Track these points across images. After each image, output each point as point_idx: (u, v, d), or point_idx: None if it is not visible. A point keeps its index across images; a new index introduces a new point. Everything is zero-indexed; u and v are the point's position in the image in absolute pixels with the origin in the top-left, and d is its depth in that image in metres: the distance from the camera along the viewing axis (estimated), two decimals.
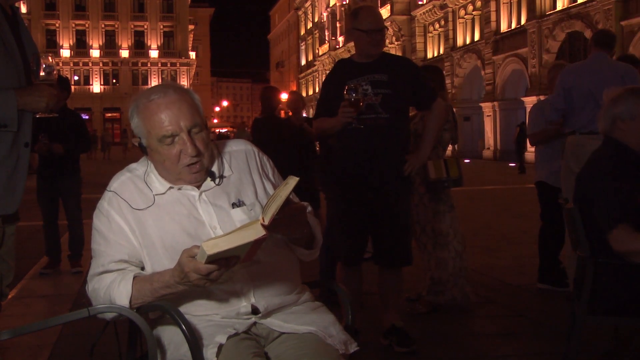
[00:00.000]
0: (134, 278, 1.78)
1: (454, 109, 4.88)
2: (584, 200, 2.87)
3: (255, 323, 1.83)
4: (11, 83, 2.27)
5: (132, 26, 60.91)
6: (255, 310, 1.82)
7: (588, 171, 2.92)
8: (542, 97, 18.74)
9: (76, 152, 5.93)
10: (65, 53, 57.86)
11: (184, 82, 56.95)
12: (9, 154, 2.27)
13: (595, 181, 2.81)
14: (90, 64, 59.98)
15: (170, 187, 1.88)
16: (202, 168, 1.86)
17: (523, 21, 27.75)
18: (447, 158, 4.36)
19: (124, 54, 60.58)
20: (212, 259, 1.56)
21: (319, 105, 3.79)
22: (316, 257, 2.06)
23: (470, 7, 32.60)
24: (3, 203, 2.29)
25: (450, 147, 4.61)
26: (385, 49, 3.72)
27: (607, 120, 2.89)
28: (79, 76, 59.27)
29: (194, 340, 1.67)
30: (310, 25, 60.95)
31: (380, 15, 3.76)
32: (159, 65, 61.32)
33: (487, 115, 30.43)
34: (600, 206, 2.74)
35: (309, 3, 60.93)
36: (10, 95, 2.23)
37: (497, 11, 29.86)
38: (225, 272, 1.64)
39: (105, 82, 60.81)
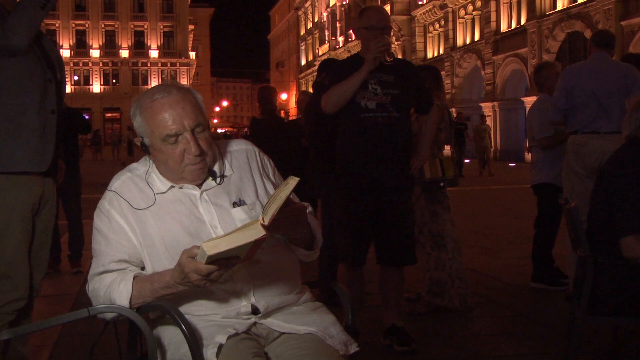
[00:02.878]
0: (134, 278, 1.79)
1: (454, 109, 4.87)
2: (603, 198, 2.87)
3: (255, 323, 1.83)
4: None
5: (132, 26, 60.89)
6: (255, 310, 1.82)
7: (611, 171, 2.92)
8: None
9: (76, 131, 6.04)
10: (65, 53, 57.73)
11: (184, 82, 56.84)
12: (38, 117, 2.51)
13: (618, 183, 2.81)
14: (90, 64, 59.95)
15: (172, 186, 1.88)
16: (204, 167, 1.87)
17: (523, 21, 27.74)
18: (442, 158, 4.37)
19: (124, 54, 60.57)
20: (212, 259, 1.56)
21: (329, 82, 3.70)
22: (316, 257, 2.07)
23: (470, 7, 32.60)
24: (36, 161, 2.52)
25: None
26: None
27: (634, 123, 2.91)
28: (79, 76, 59.25)
29: (194, 340, 1.67)
30: (310, 25, 60.94)
31: (384, 14, 3.75)
32: (159, 65, 61.31)
33: (487, 115, 30.41)
34: (621, 210, 2.74)
35: (309, 3, 60.92)
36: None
37: (497, 11, 29.85)
38: (226, 272, 1.64)
39: (105, 82, 60.80)
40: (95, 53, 60.05)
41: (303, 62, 64.64)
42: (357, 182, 3.58)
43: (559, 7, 25.41)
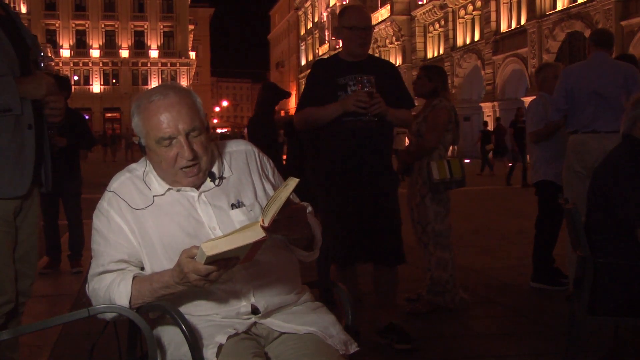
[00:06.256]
0: (133, 278, 1.79)
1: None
2: (600, 198, 2.87)
3: (255, 323, 1.83)
4: (4, 73, 2.34)
5: (132, 26, 60.89)
6: (255, 310, 1.82)
7: (607, 170, 2.92)
8: None
9: (78, 148, 5.95)
10: (65, 53, 57.84)
11: (184, 82, 56.89)
12: (13, 138, 2.35)
13: (617, 179, 2.81)
14: (90, 64, 59.97)
15: (169, 189, 1.88)
16: (199, 172, 1.86)
17: (523, 21, 27.77)
18: (450, 159, 4.36)
19: (124, 54, 60.57)
20: (212, 260, 1.56)
21: (305, 99, 3.72)
22: (316, 257, 2.07)
23: (470, 7, 32.62)
24: (12, 186, 2.37)
25: (450, 148, 4.62)
26: (385, 48, 3.74)
27: (629, 121, 2.92)
28: (79, 76, 59.22)
29: (194, 340, 1.67)
30: (310, 25, 60.95)
31: (365, 14, 3.74)
32: (159, 65, 61.30)
33: (487, 115, 30.44)
34: (626, 204, 2.74)
35: (309, 3, 60.93)
36: (9, 80, 2.31)
37: (497, 11, 29.88)
38: (225, 272, 1.64)
39: (105, 82, 60.81)
40: (95, 53, 60.05)
41: (303, 62, 64.63)
42: (337, 181, 3.58)
43: (559, 7, 25.43)
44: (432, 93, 4.43)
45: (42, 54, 2.49)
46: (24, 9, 54.82)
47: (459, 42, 33.70)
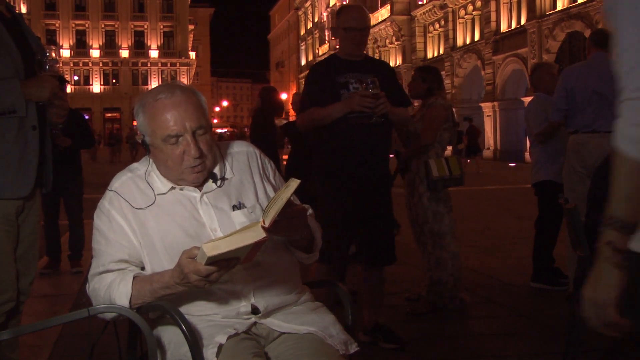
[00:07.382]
0: (133, 278, 1.79)
1: (454, 109, 4.87)
2: (600, 198, 2.87)
3: (255, 323, 1.83)
4: (10, 75, 2.36)
5: (132, 26, 60.92)
6: (255, 310, 1.82)
7: (607, 170, 2.91)
8: None
9: (79, 148, 5.95)
10: (65, 53, 57.81)
11: (184, 82, 56.70)
12: (16, 139, 2.37)
13: None
14: (90, 64, 59.98)
15: (172, 188, 1.88)
16: (204, 169, 1.87)
17: (523, 21, 27.75)
18: (448, 157, 4.37)
19: (124, 54, 60.58)
20: (212, 261, 1.56)
21: (307, 100, 3.71)
22: (315, 259, 2.06)
23: (470, 7, 32.60)
24: (15, 187, 2.39)
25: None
26: (385, 48, 3.75)
27: None
28: (79, 76, 59.26)
29: (194, 340, 1.67)
30: (310, 25, 60.94)
31: (363, 14, 3.72)
32: (159, 65, 61.31)
33: (487, 115, 30.44)
34: None
35: (309, 3, 60.93)
36: (14, 82, 2.33)
37: (497, 11, 29.85)
38: (225, 273, 1.65)
39: (105, 82, 60.81)
40: (95, 53, 60.07)
41: (303, 62, 64.61)
42: (336, 179, 3.57)
43: (559, 7, 25.41)
44: (427, 93, 4.44)
45: (47, 56, 2.50)
46: (24, 9, 54.83)
47: (459, 42, 33.68)
